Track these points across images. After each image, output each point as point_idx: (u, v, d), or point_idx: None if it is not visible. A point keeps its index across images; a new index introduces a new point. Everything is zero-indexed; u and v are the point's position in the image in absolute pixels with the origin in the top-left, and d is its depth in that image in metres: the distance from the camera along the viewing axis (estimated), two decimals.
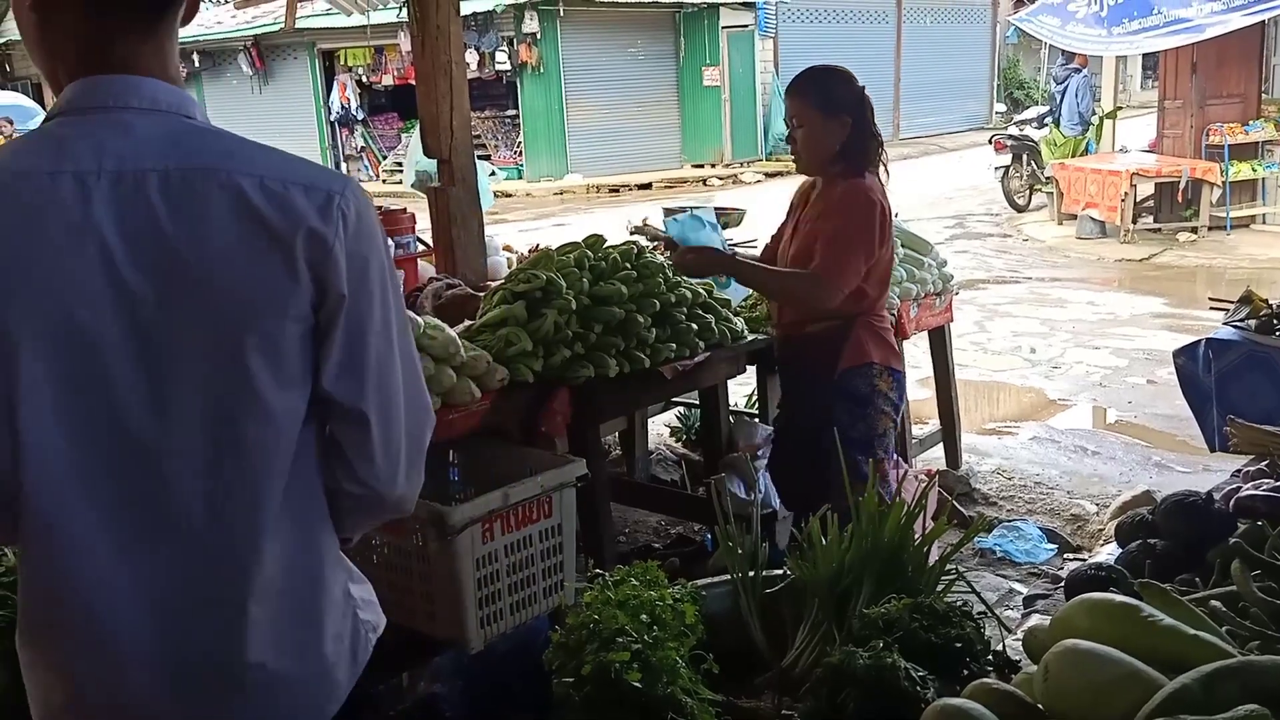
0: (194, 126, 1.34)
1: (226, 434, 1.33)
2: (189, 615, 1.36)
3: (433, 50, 4.18)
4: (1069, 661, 1.28)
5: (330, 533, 1.47)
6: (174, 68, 1.37)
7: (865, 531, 1.83)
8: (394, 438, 1.43)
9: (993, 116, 26.11)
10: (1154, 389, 6.92)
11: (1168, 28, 11.16)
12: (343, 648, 1.48)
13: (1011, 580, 4.27)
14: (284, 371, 1.34)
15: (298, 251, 1.30)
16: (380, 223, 1.44)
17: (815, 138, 3.29)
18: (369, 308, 1.37)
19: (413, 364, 1.48)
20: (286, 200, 1.30)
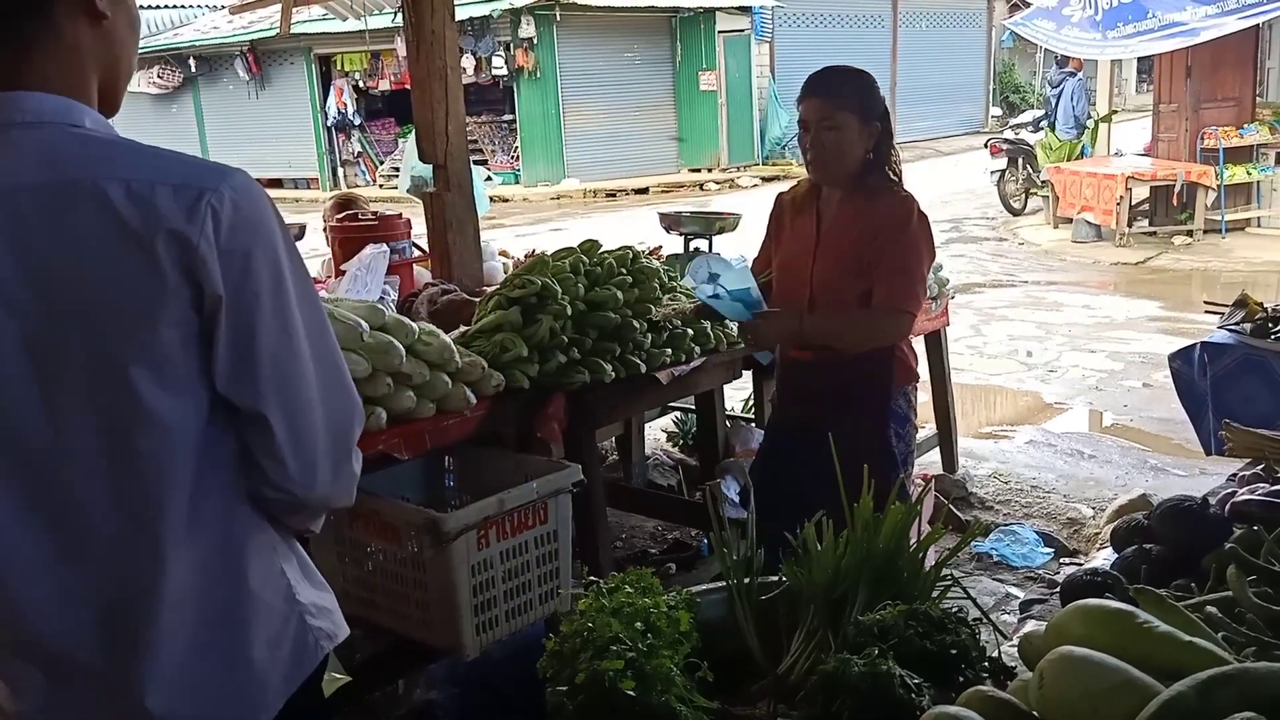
0: (77, 136, 1.32)
1: (118, 446, 1.32)
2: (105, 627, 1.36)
3: (428, 56, 4.18)
4: (1064, 669, 1.27)
5: (260, 536, 1.45)
6: (66, 77, 1.34)
7: (860, 537, 1.82)
8: (306, 439, 1.41)
9: (988, 120, 26.15)
10: (1150, 392, 6.92)
11: (1162, 31, 11.18)
12: (279, 654, 1.46)
13: (1008, 585, 4.27)
14: (170, 378, 1.32)
15: (159, 254, 1.27)
16: (273, 211, 1.39)
17: (849, 143, 3.02)
18: (255, 306, 1.34)
19: (329, 360, 1.45)
20: (149, 202, 1.28)
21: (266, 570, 1.45)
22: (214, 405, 1.36)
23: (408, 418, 2.92)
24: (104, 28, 1.37)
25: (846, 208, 3.09)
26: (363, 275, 3.83)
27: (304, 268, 1.43)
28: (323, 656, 1.53)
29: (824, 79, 3.09)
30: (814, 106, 3.03)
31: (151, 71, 22.77)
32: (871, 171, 3.06)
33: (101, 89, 1.40)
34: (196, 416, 1.35)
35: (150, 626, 1.35)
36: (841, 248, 3.07)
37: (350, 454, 1.50)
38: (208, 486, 1.37)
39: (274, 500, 1.44)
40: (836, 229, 3.10)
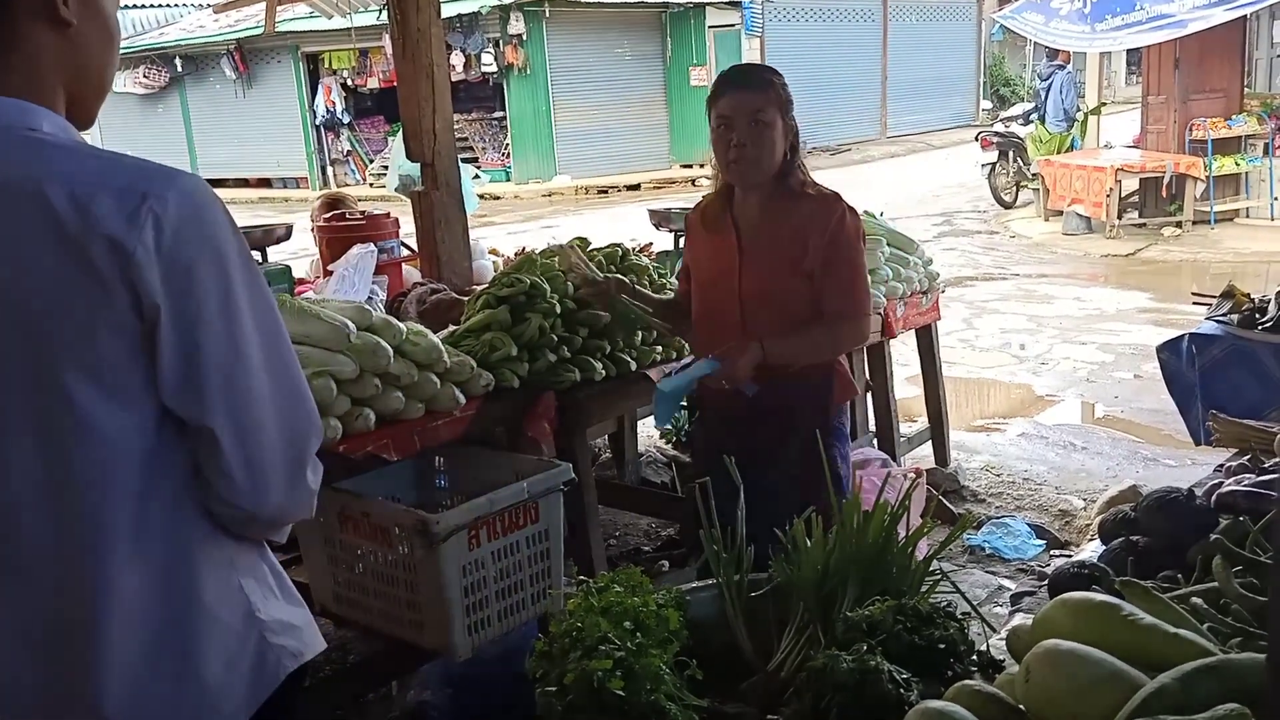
0: (28, 139, 1.30)
1: (57, 458, 1.29)
2: (49, 645, 1.34)
3: (414, 54, 4.18)
4: (1050, 662, 1.28)
5: (214, 551, 1.41)
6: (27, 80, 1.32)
7: (849, 533, 1.83)
8: (256, 452, 1.36)
9: (979, 114, 26.19)
10: (1140, 383, 6.94)
11: (1151, 23, 11.21)
12: (235, 674, 1.42)
13: (1000, 577, 4.28)
14: (111, 388, 1.28)
15: (96, 260, 1.24)
16: (224, 216, 1.34)
17: (777, 140, 2.84)
18: (200, 317, 1.29)
19: (284, 371, 1.40)
20: (88, 207, 1.24)
21: (222, 586, 1.41)
22: (162, 417, 1.33)
23: (396, 418, 2.92)
24: (70, 35, 1.34)
25: (769, 211, 2.91)
26: (350, 275, 3.83)
27: (257, 275, 1.38)
28: (284, 676, 1.47)
29: (747, 72, 2.98)
30: (742, 100, 2.83)
31: (137, 71, 22.70)
32: (790, 171, 2.90)
33: (70, 98, 1.37)
34: (142, 428, 1.31)
35: (97, 645, 1.32)
36: (770, 256, 2.90)
37: (305, 468, 1.45)
38: (154, 500, 1.34)
39: (224, 514, 1.40)
40: (762, 236, 2.92)
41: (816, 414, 2.90)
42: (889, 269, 4.57)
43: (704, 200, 3.12)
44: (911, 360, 5.57)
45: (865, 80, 24.79)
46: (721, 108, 2.85)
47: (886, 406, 4.89)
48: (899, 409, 5.15)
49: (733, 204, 2.98)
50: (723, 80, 2.92)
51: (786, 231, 2.88)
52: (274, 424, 1.38)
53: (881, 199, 7.05)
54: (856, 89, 24.35)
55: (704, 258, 3.05)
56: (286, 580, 1.55)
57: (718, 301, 2.98)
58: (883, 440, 4.90)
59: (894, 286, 4.57)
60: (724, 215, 2.99)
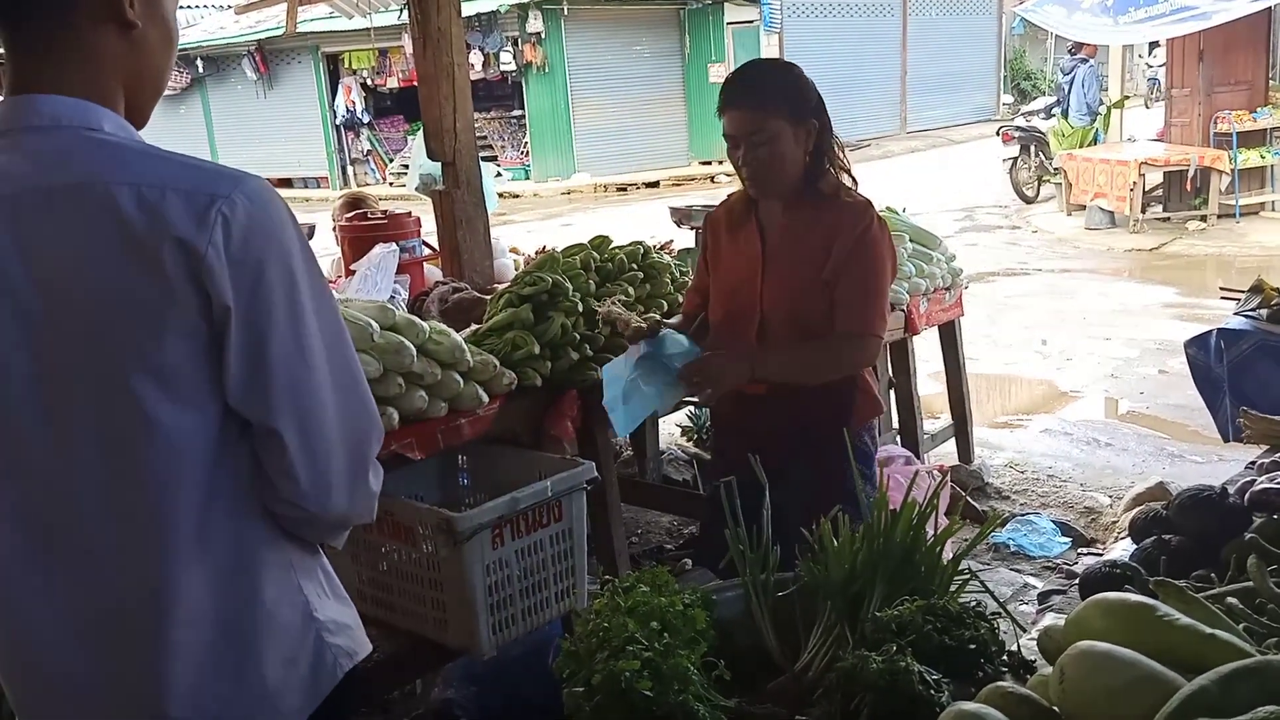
0: (91, 140, 1.31)
1: (121, 458, 1.30)
2: (111, 642, 1.35)
3: (434, 53, 4.18)
4: (1085, 664, 1.26)
5: (275, 551, 1.42)
6: (89, 81, 1.33)
7: (877, 532, 1.81)
8: (320, 454, 1.37)
9: (1000, 108, 26.04)
10: (1166, 379, 6.88)
11: (1174, 15, 11.11)
12: (295, 673, 1.43)
13: (1026, 575, 4.25)
14: (178, 390, 1.29)
15: (165, 262, 1.24)
16: (290, 219, 1.35)
17: (786, 152, 2.67)
18: (268, 318, 1.30)
19: (347, 373, 1.41)
20: (158, 209, 1.25)
21: (282, 586, 1.42)
22: (226, 418, 1.33)
23: (420, 418, 2.92)
24: (133, 37, 1.35)
25: (795, 218, 2.76)
26: (373, 274, 3.83)
27: (321, 277, 1.39)
28: (341, 675, 1.49)
29: (745, 84, 2.73)
30: (739, 119, 2.67)
31: None
32: (817, 175, 2.74)
33: (128, 99, 1.38)
34: (206, 429, 1.32)
35: (160, 643, 1.33)
36: (794, 264, 2.75)
37: (367, 470, 1.45)
38: (217, 501, 1.34)
39: (287, 516, 1.41)
40: (786, 243, 2.77)
41: (836, 433, 2.54)
42: (912, 265, 4.55)
43: (729, 199, 2.97)
44: (933, 357, 5.54)
45: (885, 75, 24.68)
46: (725, 125, 2.72)
47: (910, 403, 4.86)
48: (922, 405, 5.12)
49: (758, 206, 2.84)
50: (723, 93, 2.73)
51: (812, 238, 2.72)
52: (337, 425, 1.38)
53: (902, 195, 7.01)
54: (876, 84, 24.25)
55: (726, 261, 2.89)
56: (337, 581, 1.56)
57: (737, 309, 2.83)
58: (906, 437, 4.88)
59: (917, 283, 4.55)
60: (748, 217, 2.84)
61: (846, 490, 2.37)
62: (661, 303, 3.49)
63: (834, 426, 2.61)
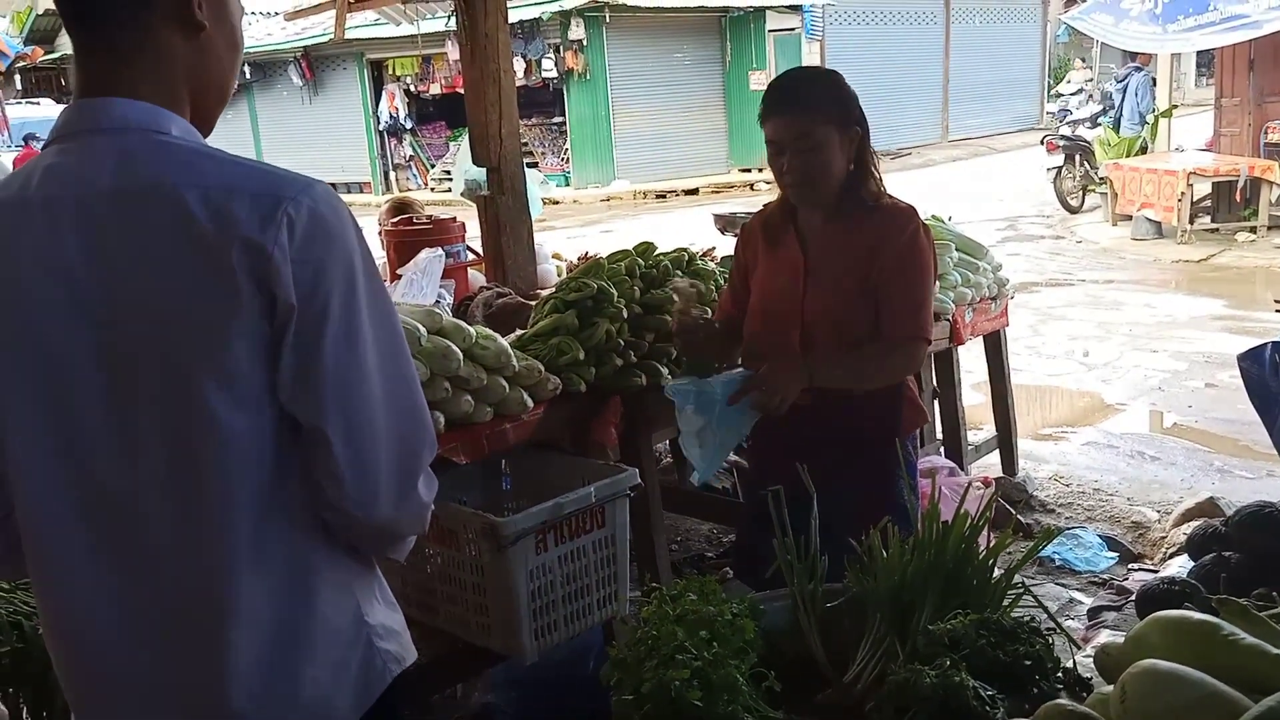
0: (161, 143, 1.32)
1: (185, 460, 1.31)
2: (171, 643, 1.36)
3: (481, 59, 4.19)
4: (1148, 683, 1.24)
5: (330, 555, 1.42)
6: (158, 85, 1.34)
7: (927, 544, 1.79)
8: (367, 458, 1.36)
9: (1043, 116, 25.80)
10: (1214, 393, 6.78)
11: (1224, 24, 10.97)
12: (346, 677, 1.44)
13: (1071, 589, 4.19)
14: (240, 391, 1.29)
15: (234, 263, 1.25)
16: (353, 227, 1.36)
17: (831, 160, 2.64)
18: (324, 318, 1.30)
19: (401, 379, 1.40)
20: (226, 211, 1.26)
21: (336, 591, 1.43)
22: (284, 422, 1.34)
23: (465, 422, 2.92)
24: (200, 41, 1.37)
25: (837, 226, 2.72)
26: (419, 279, 3.85)
27: (381, 287, 1.39)
28: (390, 680, 1.49)
29: (791, 90, 2.70)
30: (785, 125, 2.64)
31: None
32: (859, 183, 2.70)
33: (194, 103, 1.39)
34: (266, 433, 1.32)
35: (223, 643, 1.34)
36: (837, 273, 2.71)
37: (417, 480, 1.44)
38: (277, 504, 1.35)
39: (334, 521, 1.41)
40: (829, 252, 2.73)
41: (882, 442, 2.56)
42: (958, 274, 4.50)
43: (766, 208, 2.93)
44: (978, 367, 5.48)
45: (927, 83, 24.56)
46: (768, 132, 2.69)
47: (954, 414, 4.81)
48: (966, 417, 5.07)
49: (797, 215, 2.80)
50: (768, 99, 2.70)
51: (855, 247, 2.69)
52: (386, 432, 1.38)
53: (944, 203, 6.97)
54: (918, 92, 24.12)
55: (765, 273, 2.84)
56: (386, 586, 1.57)
57: (777, 322, 2.78)
58: (950, 448, 4.83)
59: (963, 292, 4.50)
60: (787, 227, 2.80)
61: (892, 501, 2.40)
62: (706, 310, 3.48)
63: (880, 436, 2.62)
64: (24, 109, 21.07)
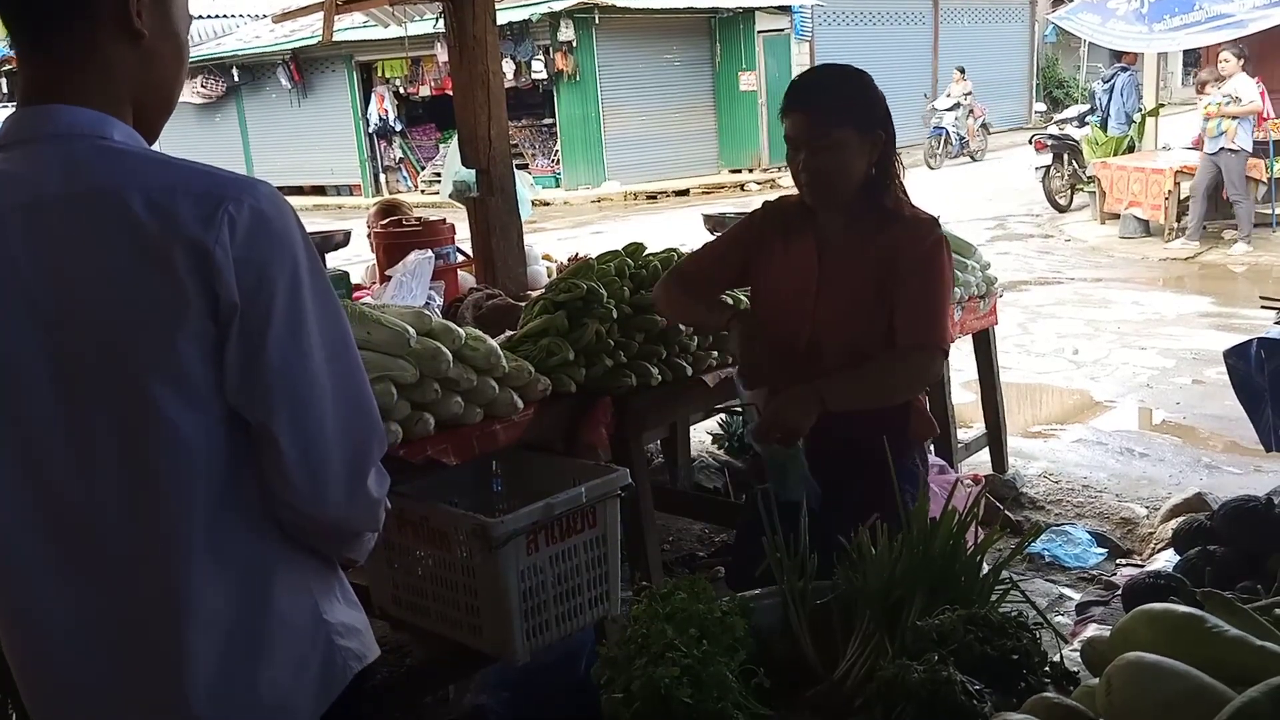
0: (106, 148, 1.32)
1: (136, 462, 1.31)
2: (130, 649, 1.36)
3: (470, 61, 4.20)
4: (1133, 675, 1.25)
5: (287, 554, 1.43)
6: (99, 91, 1.35)
7: (916, 541, 1.80)
8: (315, 456, 1.37)
9: (1032, 116, 25.87)
10: (1202, 389, 6.81)
11: (1210, 23, 11.03)
12: (306, 677, 1.44)
13: (1061, 585, 4.20)
14: (190, 394, 1.30)
15: (177, 263, 1.26)
16: (297, 226, 1.37)
17: (850, 163, 2.54)
18: (267, 317, 1.31)
19: (348, 375, 1.41)
20: (169, 211, 1.27)
21: (293, 589, 1.43)
22: (234, 422, 1.34)
23: (455, 423, 2.93)
24: (142, 48, 1.37)
25: (856, 233, 2.62)
26: (408, 281, 3.85)
27: (326, 283, 1.40)
28: (351, 678, 1.49)
29: (814, 87, 2.61)
30: (804, 123, 2.54)
31: (195, 82, 23.05)
32: (879, 189, 2.60)
33: (137, 113, 1.39)
34: (217, 433, 1.33)
35: (181, 647, 1.34)
36: (853, 283, 2.60)
37: (366, 476, 1.45)
38: (231, 506, 1.36)
39: (286, 519, 1.41)
40: (845, 260, 2.62)
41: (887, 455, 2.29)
42: None
43: (785, 199, 2.78)
44: (967, 366, 5.50)
45: (916, 83, 24.58)
46: (787, 127, 2.58)
47: (944, 412, 4.82)
48: (955, 415, 5.08)
49: (816, 216, 2.68)
50: (789, 94, 2.60)
51: (873, 256, 2.58)
52: (334, 428, 1.38)
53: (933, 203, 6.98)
54: (907, 92, 24.10)
55: (778, 267, 2.71)
56: (347, 585, 1.57)
57: (786, 322, 2.67)
58: (939, 446, 4.83)
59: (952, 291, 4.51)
60: (807, 225, 2.68)
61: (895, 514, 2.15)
62: None
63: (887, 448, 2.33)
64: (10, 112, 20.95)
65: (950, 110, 20.06)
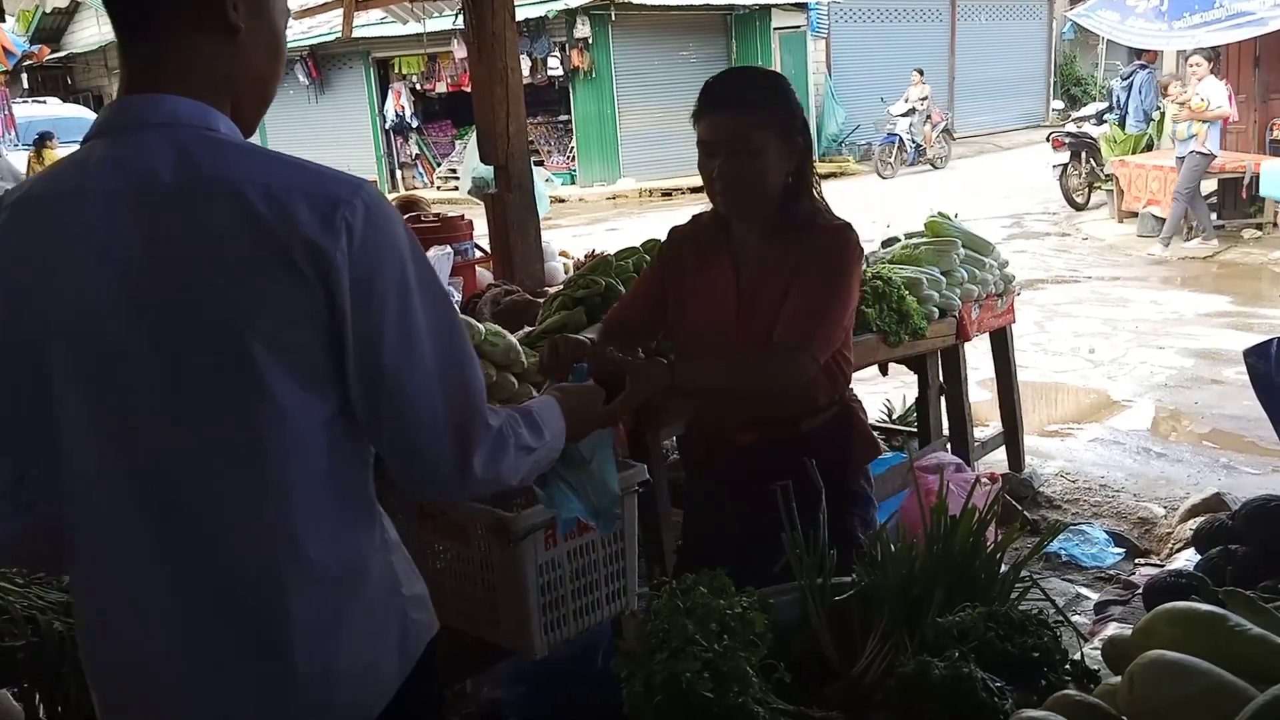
0: (214, 139, 1.36)
1: (243, 439, 1.34)
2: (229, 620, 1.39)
3: (488, 57, 4.21)
4: (1155, 673, 1.25)
5: (373, 527, 1.49)
6: (200, 85, 1.37)
7: (936, 538, 1.80)
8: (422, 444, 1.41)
9: (1049, 114, 25.77)
10: (1220, 389, 6.78)
11: (1230, 21, 10.98)
12: (388, 644, 1.50)
13: (1078, 585, 4.20)
14: (300, 376, 1.33)
15: (297, 259, 1.29)
16: (405, 227, 1.41)
17: (769, 169, 2.38)
18: (379, 316, 1.35)
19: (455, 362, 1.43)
20: (287, 209, 1.30)
21: (380, 562, 1.49)
22: (338, 404, 1.38)
23: None
24: (239, 42, 1.40)
25: (773, 248, 2.45)
26: None
27: (432, 272, 1.43)
28: (423, 648, 1.55)
29: (732, 88, 2.43)
30: (721, 125, 2.37)
31: None
32: (796, 197, 2.44)
33: (235, 106, 1.42)
34: (321, 415, 1.37)
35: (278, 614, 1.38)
36: (774, 297, 2.43)
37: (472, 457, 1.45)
38: (331, 481, 1.40)
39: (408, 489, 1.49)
40: (764, 277, 2.46)
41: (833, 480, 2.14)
42: (964, 271, 4.51)
43: (698, 219, 2.64)
44: (984, 364, 5.49)
45: (933, 81, 24.42)
46: (700, 131, 2.42)
47: (960, 411, 4.82)
48: (972, 413, 5.08)
49: (730, 233, 2.53)
50: (704, 96, 2.43)
51: (788, 267, 2.42)
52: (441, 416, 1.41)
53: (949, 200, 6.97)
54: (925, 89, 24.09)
55: (694, 294, 2.56)
56: (410, 559, 1.62)
57: (707, 349, 2.53)
58: (956, 444, 4.84)
59: (969, 289, 4.51)
60: (720, 246, 2.53)
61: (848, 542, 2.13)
62: None
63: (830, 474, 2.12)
64: (31, 108, 21.05)
65: (905, 116, 19.60)
